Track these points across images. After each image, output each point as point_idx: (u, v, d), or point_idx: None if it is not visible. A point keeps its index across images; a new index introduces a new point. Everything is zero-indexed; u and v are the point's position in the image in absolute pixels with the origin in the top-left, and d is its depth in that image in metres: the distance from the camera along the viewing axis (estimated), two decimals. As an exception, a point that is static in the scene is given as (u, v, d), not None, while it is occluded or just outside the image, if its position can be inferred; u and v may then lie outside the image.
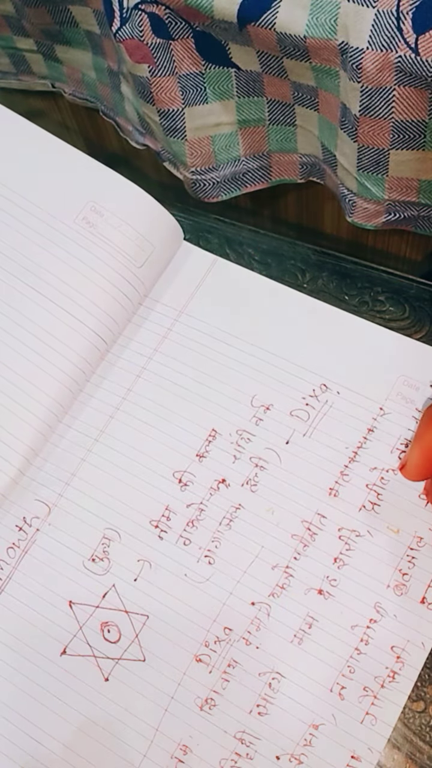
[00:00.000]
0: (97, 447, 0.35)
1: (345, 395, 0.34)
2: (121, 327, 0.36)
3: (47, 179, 0.37)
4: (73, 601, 0.33)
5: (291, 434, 0.34)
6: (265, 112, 0.40)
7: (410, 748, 0.32)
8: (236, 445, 0.34)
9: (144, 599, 0.32)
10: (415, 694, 0.32)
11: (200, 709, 0.31)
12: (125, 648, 0.32)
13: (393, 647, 0.31)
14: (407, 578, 0.31)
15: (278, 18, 0.32)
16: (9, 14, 0.44)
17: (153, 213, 0.36)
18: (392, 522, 0.32)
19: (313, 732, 0.30)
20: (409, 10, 0.29)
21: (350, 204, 0.40)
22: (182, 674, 0.31)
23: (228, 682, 0.31)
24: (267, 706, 0.31)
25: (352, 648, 0.31)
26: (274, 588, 0.32)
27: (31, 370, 0.34)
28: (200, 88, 0.38)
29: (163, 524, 0.33)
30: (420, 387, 0.34)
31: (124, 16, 0.36)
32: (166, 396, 0.35)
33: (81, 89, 0.48)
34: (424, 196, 0.38)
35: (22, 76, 0.50)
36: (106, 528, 0.33)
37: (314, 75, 0.35)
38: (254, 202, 0.50)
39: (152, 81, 0.37)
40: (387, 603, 0.31)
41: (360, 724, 0.30)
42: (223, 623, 0.32)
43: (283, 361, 0.35)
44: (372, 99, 0.33)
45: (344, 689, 0.31)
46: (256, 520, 0.33)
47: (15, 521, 0.34)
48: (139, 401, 0.35)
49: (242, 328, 0.36)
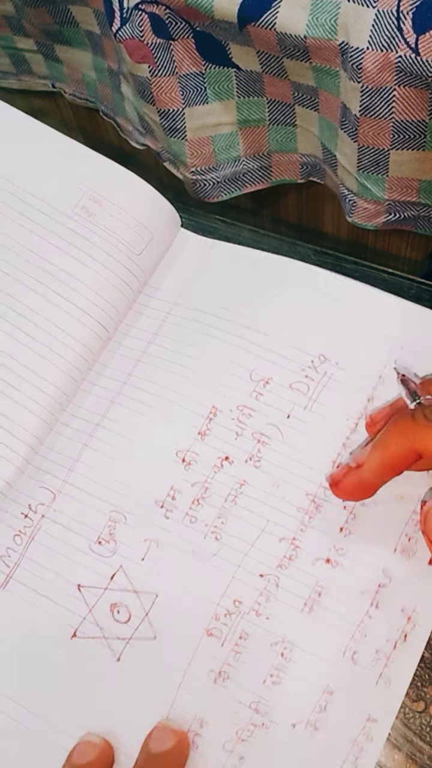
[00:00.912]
0: (99, 432, 0.35)
1: (344, 365, 0.34)
2: (122, 315, 0.36)
3: (44, 170, 0.37)
4: (81, 585, 0.33)
5: (291, 408, 0.34)
6: (265, 112, 0.40)
7: (410, 748, 0.32)
8: (237, 421, 0.34)
9: (152, 578, 0.33)
10: (415, 694, 0.32)
11: (214, 682, 0.31)
12: (135, 627, 0.32)
13: (403, 609, 0.31)
14: (413, 541, 0.32)
15: (278, 18, 0.32)
16: (9, 14, 0.44)
17: (151, 200, 0.37)
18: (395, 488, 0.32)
19: (327, 698, 0.30)
20: (409, 10, 0.29)
21: (350, 204, 0.40)
22: (194, 649, 0.31)
23: (240, 654, 0.31)
24: (280, 675, 0.31)
25: (363, 613, 0.31)
26: (281, 560, 0.32)
27: (35, 360, 0.34)
28: (200, 88, 0.38)
29: (169, 503, 0.33)
30: (418, 352, 0.34)
31: (125, 16, 0.36)
32: (165, 377, 0.35)
33: (81, 89, 0.48)
34: (424, 196, 0.38)
35: (23, 76, 0.50)
36: (111, 510, 0.34)
37: (314, 75, 0.35)
38: (254, 202, 0.50)
39: (152, 81, 0.38)
40: (395, 567, 0.31)
41: (374, 687, 0.30)
42: (233, 596, 0.32)
43: (279, 334, 0.35)
44: (372, 99, 0.33)
45: (356, 654, 0.31)
46: (261, 495, 0.33)
47: (21, 509, 0.34)
48: (139, 384, 0.36)
49: (239, 304, 0.36)
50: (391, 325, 0.35)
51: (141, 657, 0.32)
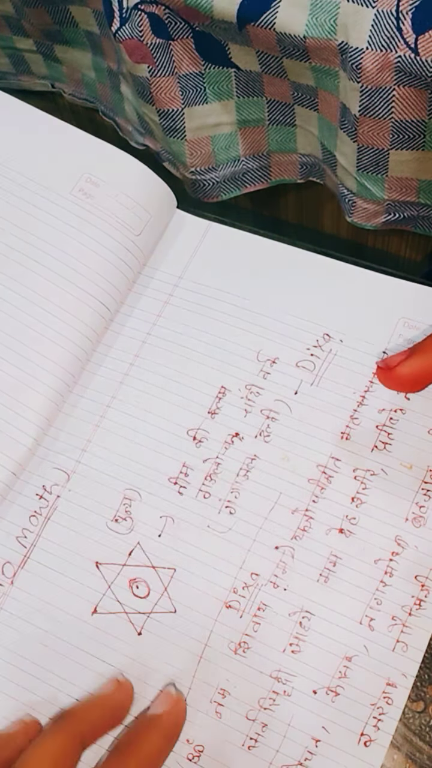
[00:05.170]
0: (110, 413, 0.36)
1: (348, 342, 0.36)
2: (123, 295, 0.37)
3: (41, 153, 0.38)
4: (99, 562, 0.34)
5: (299, 385, 0.35)
6: (264, 112, 0.40)
7: (410, 748, 0.32)
8: (246, 400, 0.36)
9: (170, 553, 0.34)
10: (414, 694, 0.32)
11: (234, 653, 0.32)
12: (155, 602, 0.33)
13: (417, 576, 0.32)
14: (424, 510, 0.33)
15: (278, 18, 0.32)
16: (8, 14, 0.44)
17: (147, 181, 0.38)
18: (404, 459, 0.34)
19: (347, 664, 0.31)
20: (409, 10, 0.30)
21: (350, 204, 0.40)
22: (214, 621, 0.32)
23: (259, 624, 0.32)
24: (299, 644, 0.32)
25: (377, 581, 0.32)
26: (296, 531, 0.33)
27: (38, 340, 0.35)
28: (200, 88, 0.39)
29: (182, 480, 0.35)
30: (420, 327, 0.35)
31: (124, 16, 0.36)
32: (173, 358, 0.37)
33: (80, 89, 0.49)
34: (423, 196, 0.39)
35: (22, 77, 0.50)
36: (126, 489, 0.35)
37: (314, 75, 0.35)
38: (254, 202, 0.50)
39: (152, 81, 0.38)
40: (407, 535, 0.33)
41: (392, 652, 0.31)
42: (250, 569, 0.33)
43: (284, 315, 0.37)
44: (372, 99, 0.33)
45: (373, 620, 0.32)
46: (273, 468, 0.34)
47: (35, 490, 0.35)
48: (147, 365, 0.37)
49: (241, 286, 0.38)
50: (391, 303, 0.36)
51: (162, 630, 0.33)
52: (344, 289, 0.37)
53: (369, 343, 0.35)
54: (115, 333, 0.37)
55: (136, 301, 0.37)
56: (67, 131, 0.38)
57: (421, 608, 0.31)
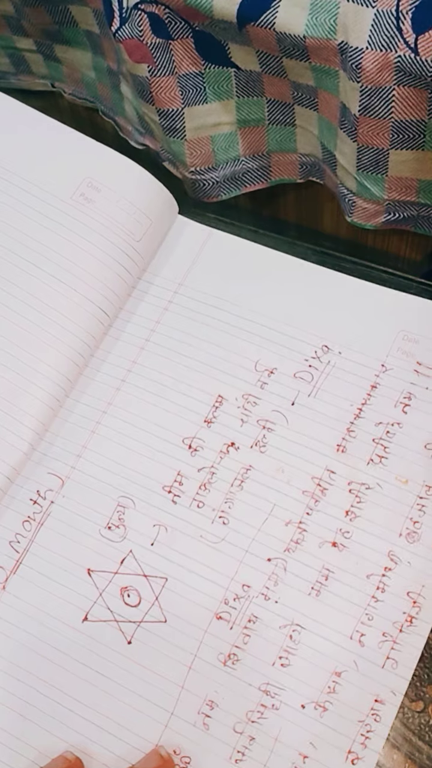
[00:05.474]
0: (106, 419, 0.36)
1: (346, 355, 0.36)
2: (122, 300, 0.37)
3: (42, 158, 0.38)
4: (91, 569, 0.34)
5: (296, 396, 0.35)
6: (264, 112, 0.40)
7: (409, 748, 0.32)
8: (243, 409, 0.35)
9: (162, 562, 0.34)
10: (414, 694, 0.32)
11: (224, 664, 0.32)
12: (146, 611, 0.33)
13: (409, 593, 0.32)
14: (418, 526, 0.33)
15: (278, 18, 0.33)
16: (8, 14, 0.44)
17: (149, 186, 0.38)
18: (400, 473, 0.34)
19: (336, 679, 0.31)
20: (409, 10, 0.30)
21: (350, 204, 0.40)
22: (204, 632, 0.32)
23: (249, 636, 0.32)
24: (289, 658, 0.32)
25: (369, 596, 0.32)
26: (288, 543, 0.33)
27: (38, 346, 0.35)
28: (200, 87, 0.39)
29: (176, 489, 0.35)
30: (419, 340, 0.35)
31: (124, 15, 0.36)
32: (170, 366, 0.37)
33: (80, 89, 0.49)
34: (423, 196, 0.39)
35: (22, 76, 0.50)
36: (120, 496, 0.35)
37: (314, 75, 0.35)
38: (254, 202, 0.50)
39: (152, 81, 0.38)
40: (400, 551, 0.33)
41: (381, 669, 0.31)
42: (241, 580, 0.33)
43: (283, 326, 0.37)
44: (371, 99, 0.33)
45: (364, 636, 0.32)
46: (267, 479, 0.34)
47: (29, 495, 0.35)
48: (145, 372, 0.37)
49: (241, 295, 0.38)
50: (390, 316, 0.36)
51: (152, 640, 0.33)
52: (345, 300, 0.36)
53: (368, 356, 0.35)
54: (114, 339, 0.37)
55: (135, 306, 0.37)
56: (69, 135, 0.38)
57: (413, 625, 0.31)
